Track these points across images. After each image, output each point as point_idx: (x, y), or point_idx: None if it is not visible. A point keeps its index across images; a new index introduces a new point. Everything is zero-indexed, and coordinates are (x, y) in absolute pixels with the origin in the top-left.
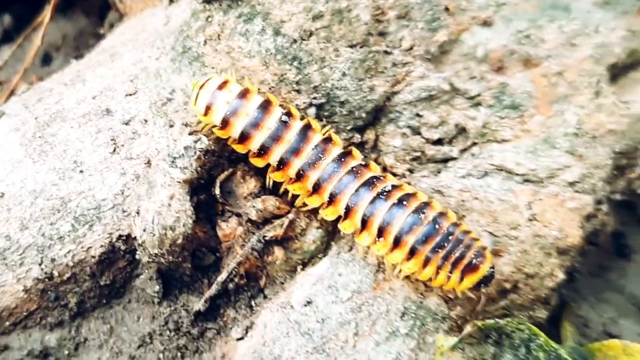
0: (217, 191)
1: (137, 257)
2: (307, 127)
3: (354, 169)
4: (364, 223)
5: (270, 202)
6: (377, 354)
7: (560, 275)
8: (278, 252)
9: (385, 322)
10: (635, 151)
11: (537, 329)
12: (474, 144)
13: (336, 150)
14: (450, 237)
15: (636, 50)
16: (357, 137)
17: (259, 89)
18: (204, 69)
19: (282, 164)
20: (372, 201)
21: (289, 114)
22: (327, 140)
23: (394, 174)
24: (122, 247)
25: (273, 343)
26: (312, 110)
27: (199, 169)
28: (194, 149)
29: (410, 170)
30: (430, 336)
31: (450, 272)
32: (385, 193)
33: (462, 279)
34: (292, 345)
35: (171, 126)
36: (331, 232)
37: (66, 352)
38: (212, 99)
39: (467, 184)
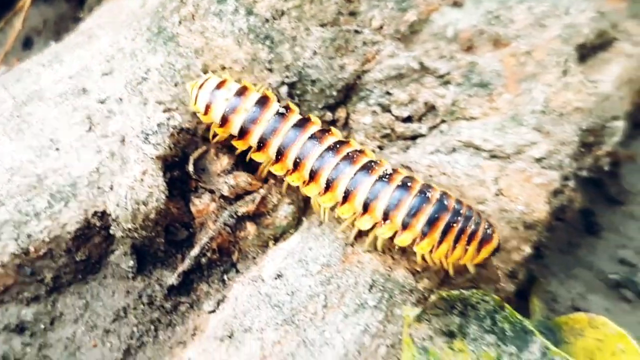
0: (191, 168)
1: (111, 232)
2: (305, 120)
3: (350, 154)
4: (366, 207)
5: (242, 178)
6: (345, 325)
7: (527, 250)
8: (250, 228)
9: (354, 295)
10: (602, 129)
11: (502, 301)
12: (443, 121)
13: (332, 138)
14: (460, 213)
15: (605, 31)
16: (328, 115)
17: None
18: (178, 48)
19: (280, 154)
20: (374, 185)
21: (287, 107)
22: (324, 130)
23: None
24: (97, 224)
25: (244, 315)
26: (284, 89)
27: (172, 145)
28: (167, 126)
29: (380, 147)
30: (398, 308)
31: (468, 245)
32: (386, 176)
33: (479, 250)
34: (263, 317)
35: (145, 104)
36: (302, 208)
37: (42, 326)
38: (211, 98)
39: (435, 160)
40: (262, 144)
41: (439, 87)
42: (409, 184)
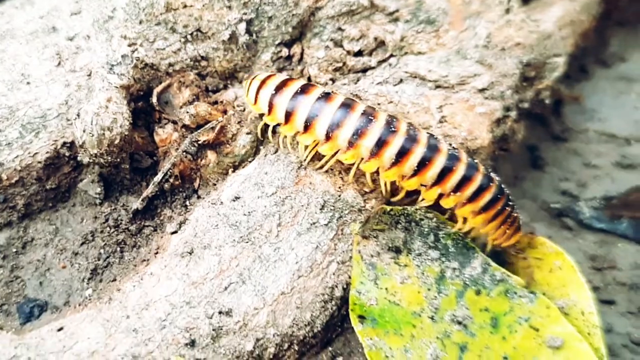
0: (155, 100)
1: (79, 160)
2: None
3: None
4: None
5: (202, 108)
6: (298, 243)
7: None
8: (211, 156)
9: (306, 214)
10: (544, 65)
11: (444, 218)
12: (392, 55)
13: (382, 115)
14: (510, 202)
15: None
16: (285, 51)
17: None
18: None
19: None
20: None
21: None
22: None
23: (318, 83)
24: (67, 154)
25: (203, 234)
26: (242, 26)
27: (136, 77)
28: (131, 58)
29: (332, 80)
30: (348, 227)
31: (508, 228)
32: (455, 156)
33: (512, 235)
34: (221, 236)
35: (111, 40)
36: (260, 138)
37: (14, 249)
38: (260, 90)
39: (383, 89)
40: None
41: (388, 24)
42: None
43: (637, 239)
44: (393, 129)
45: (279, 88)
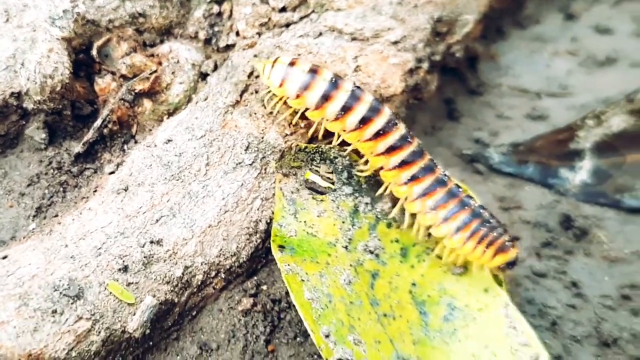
0: (95, 52)
1: (24, 106)
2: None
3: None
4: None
5: (138, 59)
6: (225, 181)
7: None
8: (147, 104)
9: (232, 155)
10: (455, 22)
11: (357, 156)
12: (313, 12)
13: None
14: (490, 221)
15: None
16: (216, 8)
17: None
18: None
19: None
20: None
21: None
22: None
23: (245, 37)
24: (15, 103)
25: (138, 173)
26: None
27: (77, 31)
28: (72, 12)
29: (259, 34)
30: (271, 167)
31: (487, 248)
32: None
33: (494, 256)
34: (154, 174)
35: None
36: (194, 87)
37: None
38: (286, 75)
39: (304, 42)
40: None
41: None
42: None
43: (542, 182)
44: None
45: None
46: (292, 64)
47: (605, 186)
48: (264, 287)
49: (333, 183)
